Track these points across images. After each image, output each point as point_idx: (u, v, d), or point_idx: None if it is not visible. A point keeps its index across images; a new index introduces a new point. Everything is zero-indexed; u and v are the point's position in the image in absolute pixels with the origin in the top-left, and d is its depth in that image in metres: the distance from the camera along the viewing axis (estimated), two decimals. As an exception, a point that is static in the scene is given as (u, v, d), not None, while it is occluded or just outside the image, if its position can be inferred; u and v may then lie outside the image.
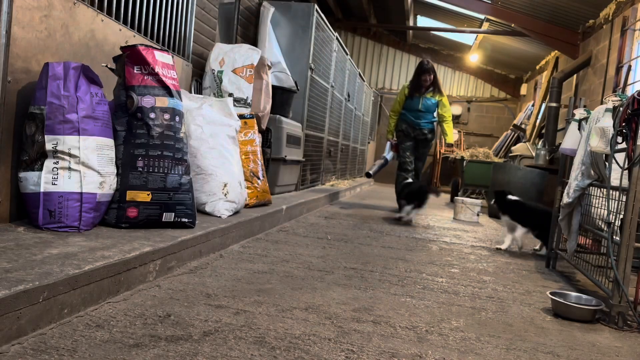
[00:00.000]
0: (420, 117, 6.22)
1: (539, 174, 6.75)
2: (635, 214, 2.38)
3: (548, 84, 9.27)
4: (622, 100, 2.59)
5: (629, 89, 6.75)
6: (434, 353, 1.82)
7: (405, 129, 6.30)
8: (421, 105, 6.21)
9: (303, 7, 5.97)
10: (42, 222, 2.42)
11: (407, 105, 6.27)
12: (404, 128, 6.30)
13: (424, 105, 6.22)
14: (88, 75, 2.55)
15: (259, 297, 2.25)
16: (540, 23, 9.04)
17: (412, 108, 6.24)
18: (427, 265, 3.31)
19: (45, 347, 1.55)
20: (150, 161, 2.73)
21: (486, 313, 2.39)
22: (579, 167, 3.04)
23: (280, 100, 5.22)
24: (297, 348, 1.73)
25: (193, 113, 3.54)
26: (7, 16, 2.33)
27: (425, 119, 6.25)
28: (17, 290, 1.57)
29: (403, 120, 6.33)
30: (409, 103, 6.27)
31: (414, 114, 6.23)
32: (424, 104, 6.22)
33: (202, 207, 3.46)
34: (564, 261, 3.64)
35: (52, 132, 2.43)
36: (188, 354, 1.59)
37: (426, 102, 6.23)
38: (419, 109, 6.20)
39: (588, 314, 2.44)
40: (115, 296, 2.05)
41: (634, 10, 6.84)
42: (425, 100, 6.23)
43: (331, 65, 7.32)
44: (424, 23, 13.33)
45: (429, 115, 6.25)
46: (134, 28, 3.40)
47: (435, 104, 6.25)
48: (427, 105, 6.23)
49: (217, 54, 4.40)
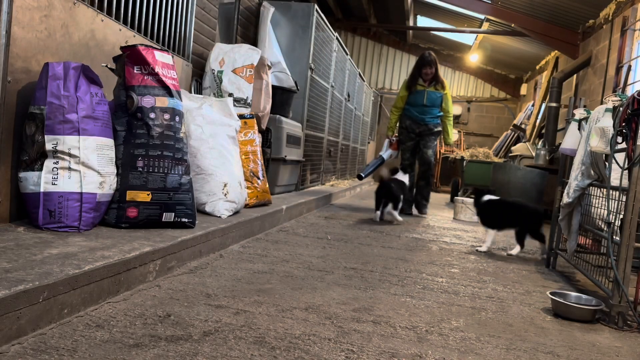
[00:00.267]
0: (425, 112, 5.91)
1: (539, 174, 6.75)
2: (635, 214, 2.38)
3: (548, 84, 9.27)
4: (622, 100, 2.59)
5: (629, 89, 6.75)
6: (434, 353, 1.82)
7: (409, 125, 5.99)
8: (426, 99, 5.90)
9: (303, 7, 5.97)
10: (42, 222, 2.42)
11: (411, 100, 5.96)
12: (408, 125, 5.99)
13: (429, 99, 5.90)
14: (88, 75, 2.55)
15: (259, 297, 2.25)
16: (540, 23, 9.04)
17: (417, 103, 5.93)
18: (427, 265, 3.31)
19: (45, 347, 1.55)
20: (150, 161, 2.73)
21: (486, 313, 2.39)
22: (579, 167, 3.04)
23: (280, 100, 5.22)
24: (297, 348, 1.73)
25: (193, 113, 3.54)
26: (7, 16, 2.33)
27: (431, 114, 5.94)
28: (17, 290, 1.57)
29: (406, 117, 6.00)
30: (412, 98, 5.95)
31: (419, 109, 5.92)
32: (429, 98, 5.90)
33: (202, 207, 3.46)
34: (563, 261, 3.64)
35: (52, 132, 2.43)
36: (188, 354, 1.59)
37: (431, 95, 5.90)
38: (424, 103, 5.89)
39: (588, 314, 2.44)
40: (115, 296, 2.05)
41: (634, 10, 6.84)
42: (430, 94, 5.90)
43: (331, 65, 7.31)
44: (424, 23, 13.33)
45: (434, 110, 5.95)
46: (134, 28, 3.40)
47: (440, 98, 5.94)
48: (432, 99, 5.91)
49: (217, 54, 4.40)
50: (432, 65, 5.87)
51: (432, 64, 5.87)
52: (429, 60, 5.89)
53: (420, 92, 5.91)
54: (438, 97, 5.93)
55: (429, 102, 5.91)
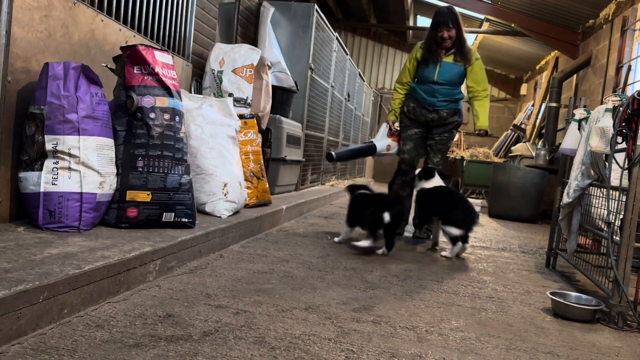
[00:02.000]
0: (435, 92, 4.10)
1: (539, 174, 6.75)
2: (635, 214, 2.38)
3: (548, 84, 9.27)
4: (622, 100, 2.59)
5: (629, 89, 6.75)
6: (434, 353, 1.82)
7: (412, 109, 4.20)
8: (437, 74, 4.07)
9: (303, 7, 5.97)
10: (42, 222, 2.42)
11: (420, 75, 4.16)
12: (411, 108, 4.20)
13: (442, 74, 4.07)
14: (88, 75, 2.55)
15: (259, 297, 2.25)
16: (540, 23, 9.04)
17: (425, 79, 4.12)
18: (427, 265, 3.31)
19: (45, 347, 1.55)
20: (150, 161, 2.73)
21: (486, 313, 2.39)
22: (579, 167, 3.04)
23: (280, 100, 5.22)
24: (297, 348, 1.73)
25: (193, 113, 3.54)
26: (7, 16, 2.33)
27: (444, 96, 4.10)
28: (17, 290, 1.57)
29: (412, 97, 4.22)
30: (421, 72, 4.14)
31: (427, 87, 4.12)
32: (443, 72, 4.07)
33: (202, 207, 3.46)
34: (563, 261, 3.63)
35: (52, 132, 2.43)
36: (188, 354, 1.59)
37: (446, 69, 4.07)
38: (434, 80, 4.08)
39: (588, 314, 2.44)
40: (115, 296, 2.05)
41: (634, 10, 6.84)
42: (445, 67, 4.07)
43: (331, 65, 7.31)
44: (424, 23, 13.34)
45: (450, 91, 4.11)
46: (134, 28, 3.40)
47: (461, 73, 4.10)
48: (448, 73, 4.08)
49: (217, 54, 4.40)
50: (451, 25, 3.99)
51: (453, 24, 3.99)
52: (446, 19, 3.99)
53: (432, 64, 4.10)
54: (457, 71, 4.09)
55: (441, 79, 4.08)
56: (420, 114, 4.17)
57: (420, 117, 4.18)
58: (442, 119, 4.14)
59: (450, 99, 4.11)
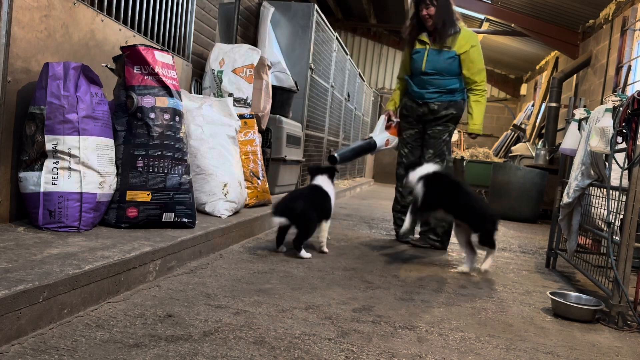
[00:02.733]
0: (425, 84, 3.75)
1: (539, 174, 6.75)
2: (635, 214, 2.38)
3: (548, 84, 9.28)
4: (622, 100, 2.59)
5: (629, 89, 6.75)
6: (433, 353, 1.82)
7: (405, 104, 3.95)
8: (424, 64, 3.72)
9: (303, 7, 5.97)
10: (42, 222, 2.42)
11: (412, 67, 3.85)
12: (404, 103, 3.96)
13: (430, 64, 3.71)
14: (88, 75, 2.55)
15: (259, 297, 2.25)
16: (540, 23, 9.05)
17: (416, 70, 3.80)
18: (427, 265, 3.31)
19: (45, 347, 1.55)
20: (150, 161, 2.73)
21: (486, 313, 2.38)
22: (579, 167, 3.04)
23: (280, 100, 5.22)
24: (297, 348, 1.73)
25: (193, 113, 3.54)
26: (7, 16, 2.33)
27: (435, 87, 3.74)
28: (17, 290, 1.57)
29: (407, 92, 3.94)
30: (412, 64, 3.82)
31: (418, 79, 3.79)
32: (430, 62, 3.71)
33: (202, 207, 3.46)
34: (563, 261, 3.63)
35: (52, 132, 2.43)
36: (188, 354, 1.59)
37: (433, 57, 3.71)
38: (422, 70, 3.74)
39: (588, 314, 2.44)
40: (115, 296, 2.05)
41: (634, 10, 6.84)
42: (432, 56, 3.71)
43: (331, 65, 7.32)
44: (424, 23, 13.31)
45: (442, 81, 3.73)
46: (134, 28, 3.40)
47: (453, 60, 3.69)
48: (436, 63, 3.71)
49: (217, 54, 4.40)
50: (429, 1, 3.61)
51: (431, 1, 3.61)
52: None
53: (418, 53, 3.76)
54: (447, 58, 3.68)
55: (430, 68, 3.72)
56: (412, 109, 3.88)
57: (413, 112, 3.89)
58: (433, 113, 3.78)
59: (442, 90, 3.73)
